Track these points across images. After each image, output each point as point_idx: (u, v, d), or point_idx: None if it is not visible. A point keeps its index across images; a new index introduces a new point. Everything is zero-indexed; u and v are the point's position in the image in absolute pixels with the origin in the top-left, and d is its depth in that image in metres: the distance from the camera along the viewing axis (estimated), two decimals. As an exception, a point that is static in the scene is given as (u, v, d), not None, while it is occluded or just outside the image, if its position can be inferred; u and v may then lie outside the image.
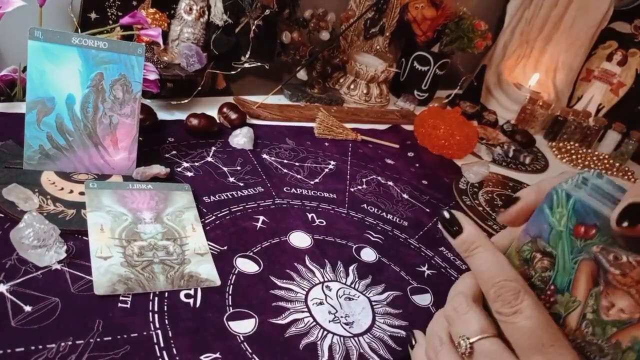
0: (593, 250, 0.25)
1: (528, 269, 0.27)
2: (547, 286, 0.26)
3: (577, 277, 0.25)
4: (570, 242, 0.25)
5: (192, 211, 0.64)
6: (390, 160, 0.99)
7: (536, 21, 1.49)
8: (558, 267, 0.26)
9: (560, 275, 0.25)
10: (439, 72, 1.33)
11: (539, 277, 0.26)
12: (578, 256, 0.25)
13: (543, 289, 0.26)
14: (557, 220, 0.25)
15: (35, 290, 0.48)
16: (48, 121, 0.62)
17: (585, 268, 0.25)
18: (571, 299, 0.25)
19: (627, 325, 0.24)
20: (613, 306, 0.25)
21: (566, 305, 0.25)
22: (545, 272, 0.26)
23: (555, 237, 0.25)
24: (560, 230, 0.25)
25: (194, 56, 0.90)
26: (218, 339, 0.49)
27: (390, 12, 1.29)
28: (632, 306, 0.24)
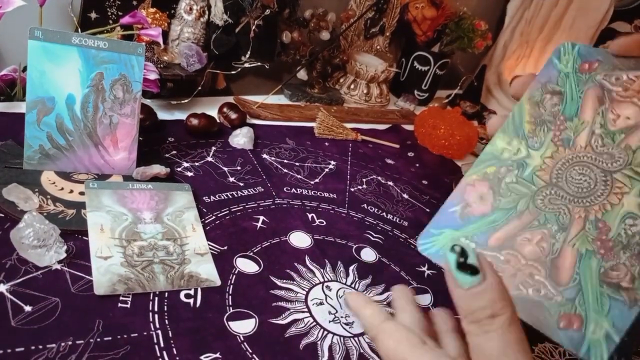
0: (597, 79, 0.30)
1: (538, 109, 0.30)
2: (557, 117, 0.30)
3: (584, 103, 0.30)
4: (576, 78, 0.30)
5: (192, 211, 0.64)
6: (390, 160, 0.99)
7: (536, 21, 1.49)
8: (566, 100, 0.30)
9: (569, 105, 0.30)
10: (439, 72, 1.33)
11: (549, 112, 0.30)
12: (584, 87, 0.30)
13: (553, 121, 0.30)
14: (565, 64, 0.31)
15: (35, 290, 0.48)
16: (48, 121, 0.62)
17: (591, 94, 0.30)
18: (580, 122, 0.29)
19: (634, 129, 0.28)
20: (619, 116, 0.29)
21: (575, 128, 0.29)
22: (554, 107, 0.30)
23: (563, 78, 0.30)
24: (567, 72, 0.30)
25: (194, 56, 0.90)
26: (218, 339, 0.49)
27: (390, 12, 1.29)
28: (636, 112, 0.29)
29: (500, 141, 0.31)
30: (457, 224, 0.30)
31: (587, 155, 0.29)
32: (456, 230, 0.30)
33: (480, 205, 0.29)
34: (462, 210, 0.30)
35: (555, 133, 0.30)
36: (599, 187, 0.28)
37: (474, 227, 0.29)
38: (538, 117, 0.30)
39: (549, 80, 0.31)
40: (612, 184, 0.28)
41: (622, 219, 0.27)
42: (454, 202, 0.31)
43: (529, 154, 0.30)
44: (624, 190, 0.28)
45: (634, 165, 0.28)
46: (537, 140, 0.30)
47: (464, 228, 0.30)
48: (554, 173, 0.29)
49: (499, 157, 0.30)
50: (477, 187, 0.30)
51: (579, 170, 0.29)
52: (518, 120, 0.31)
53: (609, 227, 0.27)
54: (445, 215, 0.31)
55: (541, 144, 0.30)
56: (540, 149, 0.30)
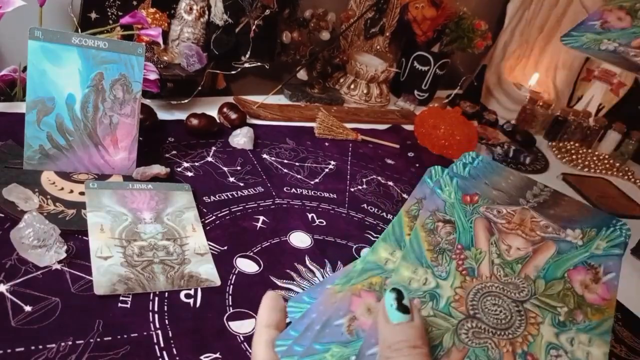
0: (481, 210, 0.31)
1: (434, 236, 0.31)
2: (455, 246, 0.30)
3: (476, 232, 0.30)
4: (462, 209, 0.31)
5: (192, 211, 0.64)
6: (391, 160, 0.99)
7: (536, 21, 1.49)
8: (459, 229, 0.31)
9: (463, 235, 0.30)
10: (439, 72, 1.33)
11: (446, 240, 0.30)
12: (471, 217, 0.31)
13: (452, 249, 0.30)
14: (448, 195, 0.32)
15: (35, 290, 0.48)
16: (48, 121, 0.62)
17: (480, 224, 0.31)
18: (477, 251, 0.30)
19: (527, 259, 0.29)
20: (511, 247, 0.30)
21: (475, 257, 0.30)
22: (449, 235, 0.31)
23: (450, 208, 0.31)
24: (452, 202, 0.32)
25: (194, 56, 0.90)
26: (218, 339, 0.49)
27: (390, 12, 1.29)
28: (524, 243, 0.30)
29: (383, 251, 0.30)
30: (345, 339, 0.27)
31: (495, 285, 0.29)
32: (345, 346, 0.27)
33: (369, 318, 0.28)
34: (350, 323, 0.28)
35: (458, 262, 0.30)
36: (515, 318, 0.28)
37: None
38: (436, 245, 0.30)
39: (438, 209, 0.31)
40: (526, 314, 0.28)
41: (546, 350, 0.27)
42: (340, 314, 0.28)
43: (438, 284, 0.29)
44: (538, 320, 0.28)
45: (539, 294, 0.28)
46: (443, 270, 0.29)
47: (354, 344, 0.27)
48: (469, 304, 0.28)
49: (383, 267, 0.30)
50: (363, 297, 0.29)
51: (492, 300, 0.28)
52: (417, 248, 0.30)
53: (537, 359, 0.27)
54: (331, 328, 0.28)
55: (447, 274, 0.29)
56: (448, 278, 0.29)
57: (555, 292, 0.28)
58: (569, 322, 0.27)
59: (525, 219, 0.30)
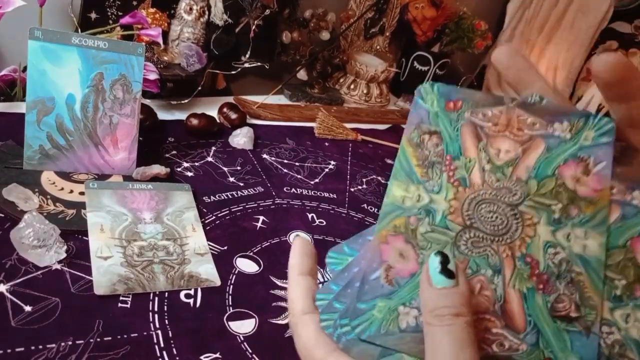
0: (466, 116, 0.29)
1: (422, 150, 0.30)
2: (444, 157, 0.29)
3: (464, 140, 0.29)
4: (446, 116, 0.30)
5: (192, 211, 0.64)
6: (391, 160, 0.99)
7: (536, 21, 1.49)
8: (446, 139, 0.29)
9: (450, 144, 0.29)
10: (439, 72, 1.33)
11: (434, 153, 0.29)
12: (457, 124, 0.30)
13: (441, 161, 0.29)
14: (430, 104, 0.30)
15: (35, 290, 0.48)
16: (48, 121, 0.62)
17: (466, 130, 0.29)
18: (467, 160, 0.29)
19: (517, 161, 0.28)
20: (500, 150, 0.29)
21: (465, 166, 0.29)
22: (437, 147, 0.29)
23: (434, 117, 0.30)
24: (435, 111, 0.30)
25: (194, 56, 0.90)
26: (218, 339, 0.49)
27: (390, 12, 1.29)
28: (512, 144, 0.29)
29: (397, 189, 0.29)
30: (387, 291, 0.27)
31: (487, 192, 0.28)
32: (389, 298, 0.27)
33: (405, 264, 0.27)
34: (386, 273, 0.27)
35: (448, 174, 0.29)
36: (511, 222, 0.27)
37: (407, 289, 0.27)
38: (424, 159, 0.29)
39: (422, 121, 0.30)
40: (522, 216, 0.27)
41: (544, 249, 0.27)
42: (374, 267, 0.28)
43: (431, 199, 0.28)
44: (534, 221, 0.27)
45: (532, 195, 0.28)
46: (434, 184, 0.29)
47: (397, 293, 0.27)
48: (465, 215, 0.28)
49: (402, 206, 0.29)
50: (392, 243, 0.28)
51: (487, 208, 0.28)
52: (406, 164, 0.29)
53: (537, 261, 0.27)
54: (369, 284, 0.27)
55: (440, 187, 0.28)
56: (440, 192, 0.28)
57: (548, 191, 0.28)
58: (564, 218, 0.27)
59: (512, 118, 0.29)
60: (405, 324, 0.26)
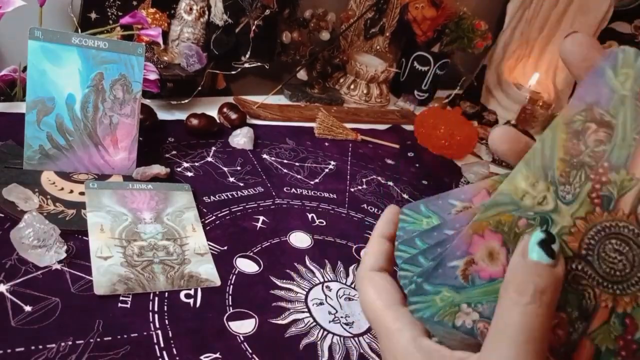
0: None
1: (578, 142, 0.23)
2: (599, 163, 0.22)
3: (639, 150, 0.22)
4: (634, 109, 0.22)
5: (192, 211, 0.64)
6: (390, 160, 0.99)
7: (536, 21, 1.49)
8: (616, 139, 0.22)
9: (618, 149, 0.22)
10: (439, 72, 1.33)
11: (590, 151, 0.22)
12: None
13: (594, 167, 0.22)
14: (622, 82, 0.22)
15: (35, 290, 0.48)
16: (48, 121, 0.62)
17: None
18: (627, 177, 0.22)
19: None
20: None
21: (621, 184, 0.22)
22: (598, 146, 0.22)
23: (616, 103, 0.22)
24: (623, 94, 0.22)
25: (194, 56, 0.90)
26: (218, 339, 0.49)
27: (390, 12, 1.29)
28: None
29: (522, 180, 0.23)
30: (458, 284, 0.24)
31: (629, 227, 0.22)
32: (457, 292, 0.24)
33: (490, 266, 0.23)
34: (466, 267, 0.24)
35: (594, 185, 0.22)
36: (635, 272, 0.22)
37: (479, 292, 0.23)
38: (576, 156, 0.23)
39: (598, 102, 0.22)
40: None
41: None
42: (456, 254, 0.24)
43: (557, 207, 0.23)
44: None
45: None
46: (571, 190, 0.23)
47: (467, 291, 0.24)
48: (585, 243, 0.22)
49: (518, 203, 0.23)
50: (487, 239, 0.24)
51: (616, 245, 0.22)
52: (549, 152, 0.23)
53: (636, 326, 0.22)
54: (444, 269, 0.24)
55: (574, 197, 0.23)
56: (572, 203, 0.23)
57: None
58: None
59: None
60: (460, 322, 0.23)
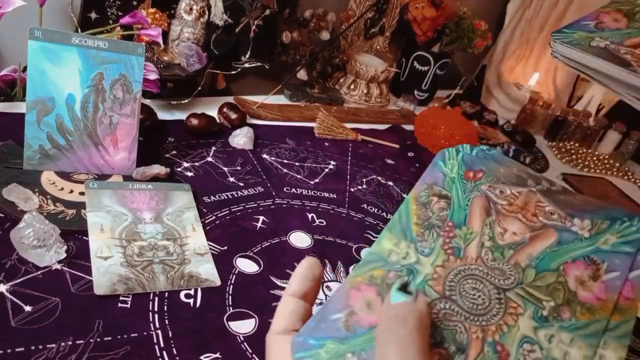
0: (482, 189, 0.29)
1: (426, 210, 0.29)
2: (445, 223, 0.29)
3: (472, 210, 0.29)
4: (462, 185, 0.29)
5: (192, 211, 0.64)
6: (390, 160, 0.99)
7: (536, 21, 1.49)
8: (454, 206, 0.29)
9: (457, 212, 0.29)
10: (439, 72, 1.33)
11: (437, 216, 0.29)
12: (470, 194, 0.29)
13: (441, 226, 0.29)
14: (450, 169, 0.30)
15: (35, 290, 0.48)
16: (48, 121, 0.62)
17: (477, 202, 0.29)
18: (468, 231, 0.28)
19: (522, 246, 0.27)
20: (506, 231, 0.28)
21: (465, 237, 0.28)
22: (442, 211, 0.29)
23: (449, 183, 0.30)
24: (452, 177, 0.30)
25: (194, 56, 0.90)
26: (218, 339, 0.49)
27: (390, 12, 1.29)
28: (522, 228, 0.28)
29: (387, 241, 0.28)
30: (341, 335, 0.26)
31: (479, 268, 0.27)
32: (341, 343, 0.26)
33: (369, 314, 0.26)
34: (347, 318, 0.26)
35: (445, 240, 0.28)
36: (493, 305, 0.26)
37: (362, 340, 0.26)
38: (426, 220, 0.29)
39: (435, 183, 0.30)
40: (507, 303, 0.26)
41: (519, 343, 0.25)
42: (337, 308, 0.27)
43: (418, 259, 0.28)
44: (518, 311, 0.26)
45: (525, 284, 0.26)
46: (427, 246, 0.28)
47: (350, 340, 0.26)
48: (447, 285, 0.27)
49: (387, 260, 0.28)
50: (363, 292, 0.27)
51: (472, 284, 0.27)
52: (405, 220, 0.29)
53: (507, 352, 0.25)
54: (327, 323, 0.27)
55: (431, 250, 0.28)
56: (430, 255, 0.28)
57: (545, 285, 0.26)
58: (552, 317, 0.26)
59: (530, 202, 0.28)
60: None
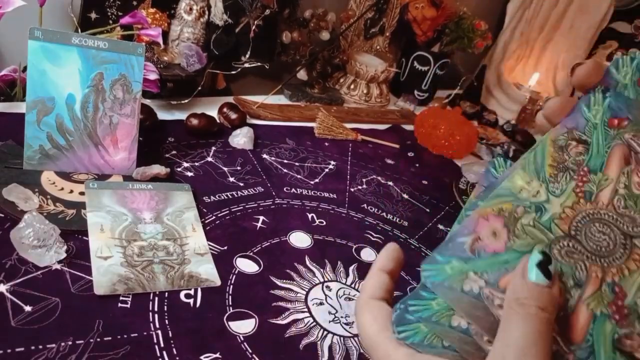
0: (625, 137, 0.28)
1: (562, 154, 0.29)
2: (581, 167, 0.28)
3: (610, 159, 0.28)
4: (604, 132, 0.29)
5: (192, 211, 0.64)
6: (390, 160, 0.99)
7: (536, 21, 1.49)
8: (592, 152, 0.29)
9: (594, 158, 0.29)
10: (439, 72, 1.33)
11: (573, 160, 0.29)
12: (611, 142, 0.29)
13: (576, 170, 0.29)
14: (593, 115, 0.29)
15: (35, 290, 0.48)
16: (48, 121, 0.62)
17: (617, 151, 0.28)
18: (603, 177, 0.28)
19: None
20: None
21: (599, 182, 0.28)
22: (579, 156, 0.29)
23: (590, 128, 0.29)
24: (595, 122, 0.29)
25: (194, 56, 0.90)
26: (218, 339, 0.49)
27: (390, 12, 1.29)
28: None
29: (520, 179, 0.29)
30: (466, 256, 0.28)
31: (609, 214, 0.27)
32: (465, 262, 0.28)
33: (494, 242, 0.28)
34: (473, 242, 0.28)
35: (577, 183, 0.28)
36: (618, 249, 0.27)
37: (484, 263, 0.28)
38: (561, 163, 0.29)
39: (576, 127, 0.29)
40: (632, 249, 0.27)
41: (638, 287, 0.26)
42: (464, 232, 0.29)
43: (548, 199, 0.28)
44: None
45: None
46: (559, 187, 0.28)
47: (474, 262, 0.28)
48: (574, 225, 0.28)
49: (517, 196, 0.29)
50: (491, 221, 0.29)
51: (599, 227, 0.27)
52: (540, 160, 0.29)
53: (625, 293, 0.26)
54: (454, 243, 0.29)
55: (562, 192, 0.28)
56: (561, 196, 0.28)
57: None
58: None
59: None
60: (468, 288, 0.27)
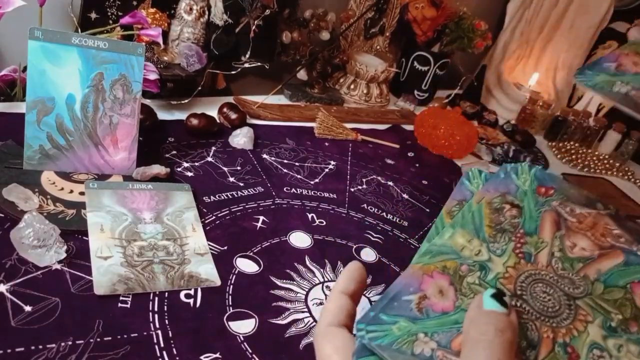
0: (553, 205, 0.31)
1: (498, 216, 0.31)
2: (517, 230, 0.30)
3: (542, 223, 0.30)
4: (534, 198, 0.31)
5: (192, 211, 0.64)
6: (390, 160, 0.99)
7: (536, 21, 1.49)
8: (525, 216, 0.31)
9: (528, 222, 0.30)
10: (439, 72, 1.33)
11: (509, 222, 0.30)
12: (541, 208, 0.31)
13: (513, 232, 0.30)
14: (522, 182, 0.32)
15: (35, 290, 0.48)
16: (48, 121, 0.62)
17: (548, 217, 0.30)
18: (539, 240, 0.30)
19: (590, 261, 0.29)
20: (575, 245, 0.29)
21: (535, 245, 0.30)
22: (514, 219, 0.31)
23: (521, 194, 0.31)
24: (525, 189, 0.31)
25: (194, 56, 0.90)
26: (218, 339, 0.49)
27: (390, 12, 1.29)
28: (591, 245, 0.29)
29: (460, 237, 0.30)
30: (413, 315, 0.28)
31: (550, 274, 0.28)
32: (413, 322, 0.27)
33: (441, 300, 0.28)
34: (420, 301, 0.28)
35: (516, 245, 0.30)
36: (563, 309, 0.28)
37: (433, 323, 0.27)
38: (498, 224, 0.30)
39: (508, 192, 0.31)
40: (576, 310, 0.27)
41: (589, 348, 0.26)
42: (409, 290, 0.29)
43: (490, 258, 0.29)
44: (587, 319, 0.27)
45: (594, 296, 0.28)
46: (499, 247, 0.30)
47: (423, 322, 0.27)
48: (519, 285, 0.28)
49: (459, 254, 0.30)
50: (436, 279, 0.29)
51: (543, 287, 0.28)
52: (478, 221, 0.31)
53: (577, 354, 0.26)
54: (400, 302, 0.28)
55: (503, 252, 0.29)
56: (502, 256, 0.29)
57: (613, 299, 0.28)
58: (620, 329, 0.27)
59: (599, 223, 0.30)
60: (419, 350, 0.27)
